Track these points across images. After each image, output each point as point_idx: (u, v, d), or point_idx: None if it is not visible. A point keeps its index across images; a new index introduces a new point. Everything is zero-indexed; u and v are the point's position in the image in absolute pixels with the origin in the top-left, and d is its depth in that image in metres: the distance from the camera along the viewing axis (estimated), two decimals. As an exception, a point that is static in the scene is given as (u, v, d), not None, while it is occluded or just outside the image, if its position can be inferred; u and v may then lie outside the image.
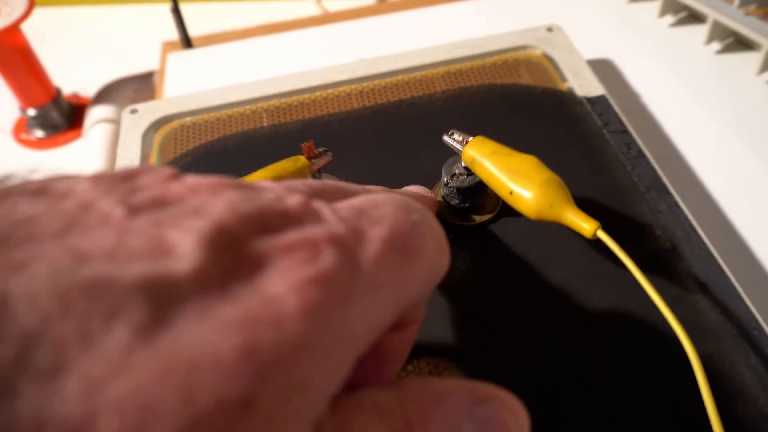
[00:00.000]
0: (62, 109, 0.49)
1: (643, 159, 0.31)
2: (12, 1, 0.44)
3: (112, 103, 0.47)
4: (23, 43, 0.46)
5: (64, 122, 0.49)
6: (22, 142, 0.49)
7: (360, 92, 0.35)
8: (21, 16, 0.43)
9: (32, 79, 0.47)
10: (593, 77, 0.34)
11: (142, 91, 0.48)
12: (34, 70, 0.47)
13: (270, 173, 0.26)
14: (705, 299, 0.26)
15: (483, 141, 0.26)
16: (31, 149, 0.49)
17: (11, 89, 0.47)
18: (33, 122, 0.49)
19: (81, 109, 0.51)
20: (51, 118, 0.49)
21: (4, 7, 0.44)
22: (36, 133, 0.49)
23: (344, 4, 0.57)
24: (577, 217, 0.24)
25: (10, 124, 0.50)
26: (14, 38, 0.45)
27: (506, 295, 0.27)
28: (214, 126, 0.34)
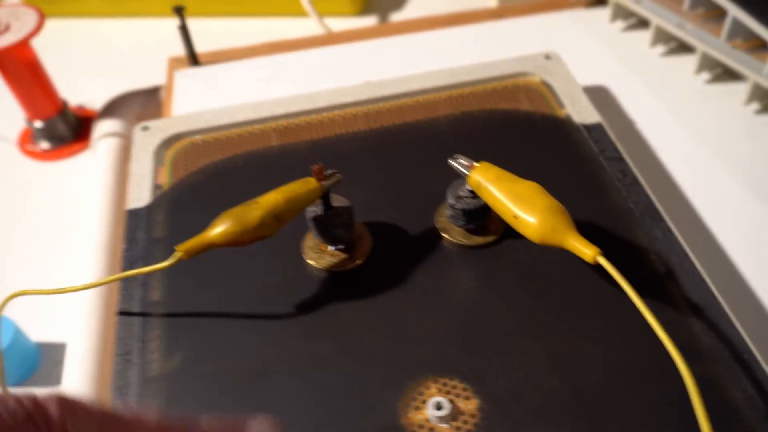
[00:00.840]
0: (68, 121, 0.50)
1: (638, 186, 0.32)
2: (23, 17, 0.45)
3: (119, 117, 0.47)
4: (32, 57, 0.46)
5: (70, 134, 0.50)
6: (27, 153, 0.50)
7: (366, 114, 0.37)
8: (31, 32, 0.44)
9: (40, 92, 0.47)
10: (590, 105, 0.36)
11: (148, 106, 0.49)
12: (42, 83, 0.47)
13: (282, 195, 0.27)
14: (698, 323, 0.27)
15: (488, 167, 0.27)
16: (36, 160, 0.49)
17: (19, 101, 0.48)
18: (39, 134, 0.49)
19: (87, 121, 0.51)
20: (57, 130, 0.49)
21: (15, 23, 0.45)
22: (41, 145, 0.50)
23: (346, 23, 0.58)
24: (578, 243, 0.25)
25: (15, 135, 0.51)
26: (24, 53, 0.45)
27: (509, 314, 0.28)
28: (224, 144, 0.35)
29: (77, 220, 0.44)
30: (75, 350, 0.35)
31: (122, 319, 0.29)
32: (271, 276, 0.30)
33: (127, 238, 0.31)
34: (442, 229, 0.31)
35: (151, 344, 0.28)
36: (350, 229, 0.30)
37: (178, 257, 0.26)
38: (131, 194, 0.33)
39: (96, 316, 0.36)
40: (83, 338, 0.35)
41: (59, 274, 0.41)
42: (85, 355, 0.34)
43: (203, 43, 0.49)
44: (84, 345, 0.35)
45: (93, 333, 0.35)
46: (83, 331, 0.35)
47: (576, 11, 0.50)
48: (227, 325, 0.28)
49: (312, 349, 0.27)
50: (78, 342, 0.35)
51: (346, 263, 0.30)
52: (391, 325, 0.28)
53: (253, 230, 0.26)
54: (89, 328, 0.36)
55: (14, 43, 0.43)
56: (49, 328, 0.38)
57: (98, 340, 0.35)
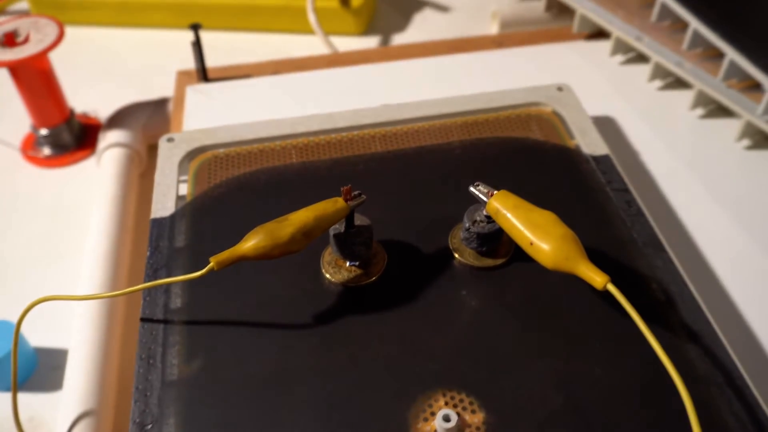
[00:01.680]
0: (73, 129, 0.50)
1: (642, 217, 0.34)
2: (43, 29, 0.46)
3: (125, 128, 0.48)
4: (48, 68, 0.47)
5: (74, 142, 0.50)
6: (29, 159, 0.50)
7: (383, 136, 0.38)
8: (51, 44, 0.45)
9: (51, 101, 0.48)
10: (599, 137, 0.38)
11: (155, 118, 0.50)
12: (53, 93, 0.48)
13: (312, 213, 0.28)
14: (694, 349, 0.29)
15: (507, 195, 0.29)
16: (38, 167, 0.50)
17: (28, 109, 0.48)
18: (43, 140, 0.50)
19: (90, 129, 0.52)
20: (61, 138, 0.50)
21: (35, 34, 0.45)
22: (44, 151, 0.50)
23: (349, 42, 0.59)
24: (589, 270, 0.27)
25: (18, 140, 0.51)
26: (41, 64, 0.46)
27: (516, 334, 0.29)
28: (246, 159, 0.37)
29: (78, 228, 0.45)
30: (76, 357, 0.35)
31: (145, 323, 0.30)
32: (289, 288, 0.31)
33: (151, 246, 0.32)
34: (455, 250, 0.32)
35: (172, 349, 0.29)
36: (369, 247, 0.31)
37: (210, 268, 0.27)
38: (155, 203, 0.34)
39: (98, 324, 0.37)
40: (85, 345, 0.36)
41: (59, 280, 0.42)
42: (86, 362, 0.35)
43: (209, 54, 0.49)
44: (85, 352, 0.35)
45: (95, 340, 0.36)
46: (85, 338, 0.36)
47: (576, 43, 0.53)
48: (245, 334, 0.29)
49: (326, 360, 0.28)
50: (80, 347, 0.35)
51: (362, 279, 0.31)
52: (403, 339, 0.29)
53: (284, 245, 0.27)
54: (91, 335, 0.36)
55: (32, 55, 0.44)
56: (48, 333, 0.38)
57: (100, 347, 0.36)
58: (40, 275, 0.42)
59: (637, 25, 0.48)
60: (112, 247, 0.40)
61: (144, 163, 0.48)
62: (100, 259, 0.39)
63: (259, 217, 0.34)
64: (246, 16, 0.60)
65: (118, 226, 0.42)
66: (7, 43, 0.46)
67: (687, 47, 0.45)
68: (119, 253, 0.40)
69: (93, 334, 0.36)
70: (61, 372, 0.36)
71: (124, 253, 0.41)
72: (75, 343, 0.36)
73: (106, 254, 0.40)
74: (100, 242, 0.40)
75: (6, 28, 0.46)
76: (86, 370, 0.35)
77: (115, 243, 0.41)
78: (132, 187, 0.45)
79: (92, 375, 0.35)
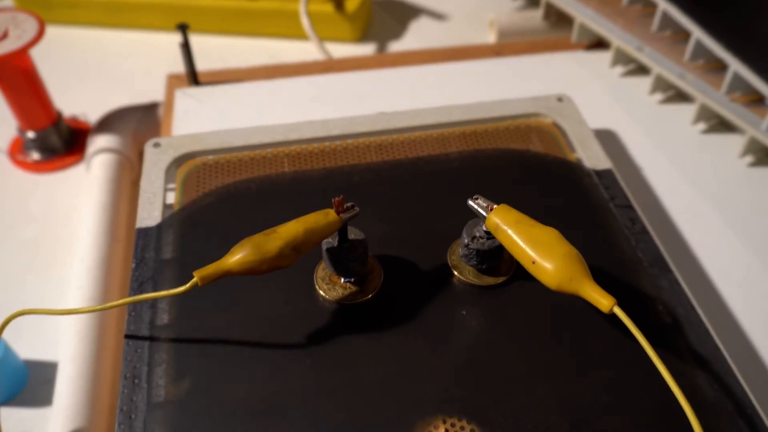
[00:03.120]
0: (61, 133, 0.48)
1: (647, 235, 0.33)
2: (22, 24, 0.44)
3: (115, 133, 0.46)
4: (30, 66, 0.45)
5: (63, 146, 0.49)
6: (17, 164, 0.48)
7: (379, 145, 0.37)
8: (31, 41, 0.43)
9: (36, 103, 0.46)
10: (601, 150, 0.37)
11: (145, 122, 0.48)
12: (38, 94, 0.46)
13: (302, 225, 0.27)
14: (703, 375, 0.28)
15: (507, 210, 0.28)
16: (26, 171, 0.48)
17: (13, 111, 0.46)
18: (31, 144, 0.48)
19: (79, 133, 0.50)
20: (50, 142, 0.48)
21: (14, 30, 0.43)
22: (33, 155, 0.48)
23: (345, 49, 0.58)
24: (595, 293, 0.25)
25: (5, 144, 0.49)
26: (22, 62, 0.44)
27: (518, 356, 0.28)
28: (236, 166, 0.35)
29: (67, 235, 0.43)
30: (66, 370, 0.34)
31: (130, 340, 0.28)
32: (281, 304, 0.30)
33: (137, 257, 0.31)
34: (454, 267, 0.31)
35: (158, 368, 0.27)
36: (364, 263, 0.30)
37: (194, 283, 0.25)
38: (141, 212, 0.32)
39: (89, 336, 0.35)
40: (75, 358, 0.34)
41: (46, 289, 0.40)
42: (76, 376, 0.33)
43: (200, 59, 0.48)
44: (76, 366, 0.34)
45: (85, 353, 0.34)
46: (76, 351, 0.34)
47: (576, 53, 0.52)
48: (236, 353, 0.28)
49: (320, 383, 0.27)
50: (69, 362, 0.34)
51: (357, 296, 0.30)
52: (400, 360, 0.28)
53: (272, 260, 0.26)
54: (81, 348, 0.34)
55: (12, 51, 0.42)
56: (38, 346, 0.37)
57: (91, 360, 0.34)
58: (27, 284, 0.41)
59: (637, 35, 0.47)
60: (103, 256, 0.39)
61: (135, 169, 0.47)
62: (91, 269, 0.38)
63: (249, 228, 0.32)
64: (238, 19, 0.58)
65: (108, 235, 0.40)
66: (-16, 40, 0.44)
67: (689, 58, 0.44)
68: (110, 262, 0.39)
69: (82, 348, 0.34)
70: (52, 386, 0.35)
71: (115, 263, 0.39)
72: (63, 357, 0.34)
73: (97, 264, 0.38)
74: (90, 252, 0.39)
75: (-16, 24, 0.45)
76: (76, 386, 0.33)
77: (106, 252, 0.39)
78: (123, 194, 0.43)
79: (82, 391, 0.33)
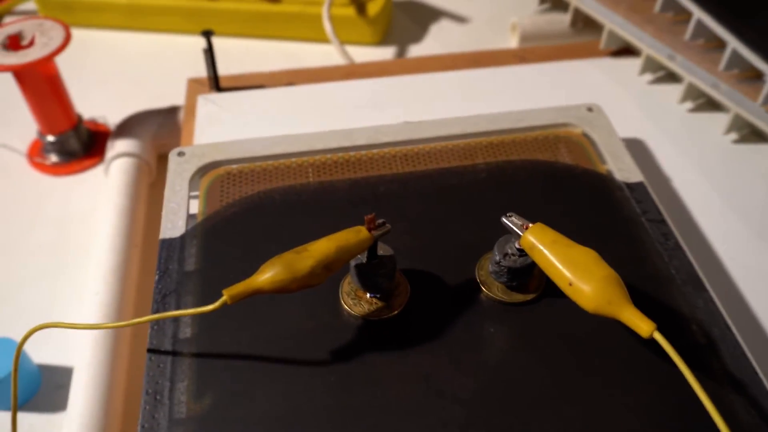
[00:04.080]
0: (81, 136, 0.48)
1: (680, 251, 0.32)
2: (49, 32, 0.44)
3: (135, 137, 0.46)
4: (54, 73, 0.45)
5: (81, 150, 0.48)
6: (36, 166, 0.48)
7: (405, 155, 0.36)
8: (57, 49, 0.43)
9: (57, 108, 0.46)
10: (632, 162, 0.36)
11: (165, 126, 0.48)
12: (60, 99, 0.46)
13: (333, 243, 0.26)
14: (739, 400, 0.27)
15: (543, 229, 0.27)
16: (45, 174, 0.48)
17: (34, 115, 0.46)
18: (50, 147, 0.48)
19: (98, 136, 0.50)
20: (69, 145, 0.48)
21: (41, 37, 0.43)
22: (51, 158, 0.48)
23: (365, 51, 0.58)
24: (635, 317, 0.25)
25: (25, 146, 0.49)
26: (47, 69, 0.44)
27: (546, 377, 0.27)
28: (260, 176, 0.35)
29: (84, 239, 0.43)
30: (81, 377, 0.33)
31: (152, 355, 0.28)
32: (306, 319, 0.29)
33: (160, 269, 0.30)
34: (482, 283, 0.30)
35: (180, 384, 0.27)
36: (392, 279, 0.29)
37: (223, 301, 0.25)
38: (165, 222, 0.32)
39: (104, 343, 0.35)
40: (90, 365, 0.34)
41: (62, 293, 0.40)
42: (91, 383, 0.33)
43: (220, 61, 0.47)
44: (91, 372, 0.33)
45: (100, 360, 0.34)
46: (91, 358, 0.34)
47: (603, 60, 0.51)
48: (259, 368, 0.27)
49: (344, 401, 0.26)
50: (84, 369, 0.34)
51: (383, 312, 0.29)
52: (426, 380, 0.27)
53: (303, 279, 0.25)
54: (96, 355, 0.34)
55: (37, 59, 0.42)
56: (50, 351, 0.37)
57: (105, 367, 0.34)
58: (44, 287, 0.41)
59: (669, 43, 0.45)
60: (120, 262, 0.38)
61: (153, 174, 0.46)
62: (107, 275, 0.38)
63: (274, 240, 0.32)
64: (259, 22, 0.58)
65: (126, 240, 0.40)
66: (11, 46, 0.44)
67: (724, 68, 0.43)
68: (127, 268, 0.38)
69: (97, 355, 0.34)
70: (64, 391, 0.35)
71: (133, 269, 0.39)
72: (78, 364, 0.34)
73: (114, 270, 0.38)
74: (107, 257, 0.38)
75: (10, 30, 0.44)
76: (90, 393, 0.33)
77: (123, 258, 0.39)
78: (141, 198, 0.43)
79: (96, 399, 0.33)
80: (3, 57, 0.42)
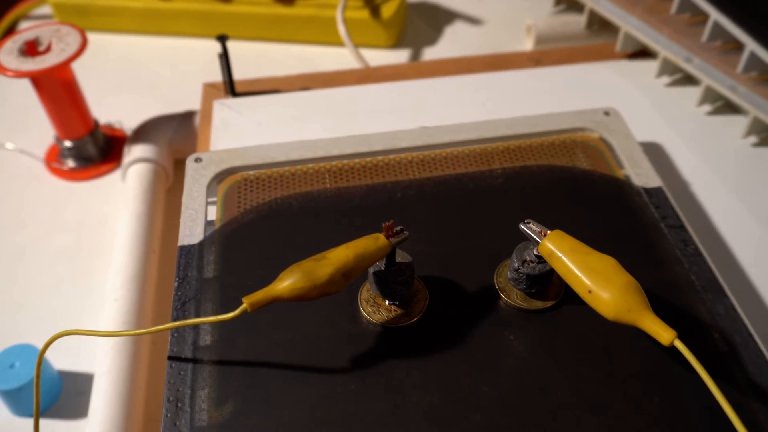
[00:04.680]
0: (97, 141, 0.49)
1: (700, 257, 0.32)
2: (66, 37, 0.44)
3: (151, 143, 0.46)
4: (71, 79, 0.45)
5: (98, 155, 0.49)
6: (53, 171, 0.49)
7: (421, 161, 0.36)
8: (74, 54, 0.43)
9: (74, 113, 0.46)
10: (650, 167, 0.35)
11: (181, 132, 0.48)
12: (77, 105, 0.46)
13: (352, 251, 0.26)
14: (762, 409, 0.27)
15: (562, 236, 0.27)
16: (62, 179, 0.48)
17: (51, 121, 0.47)
18: (67, 152, 0.48)
19: (115, 141, 0.50)
20: (86, 150, 0.48)
21: (58, 43, 0.44)
22: (68, 163, 0.48)
23: (379, 54, 0.57)
24: (655, 324, 0.25)
25: (42, 151, 0.50)
26: (64, 74, 0.44)
27: (566, 385, 0.27)
28: (277, 182, 0.35)
29: (101, 244, 0.44)
30: (101, 384, 0.34)
31: (173, 362, 0.28)
32: (325, 326, 0.29)
33: (179, 276, 0.31)
34: (501, 290, 0.30)
35: (201, 392, 0.27)
36: (410, 286, 0.29)
37: (243, 309, 0.25)
38: (183, 229, 0.32)
39: (124, 350, 0.35)
40: (111, 372, 0.34)
41: (80, 299, 0.40)
42: (112, 390, 0.33)
43: (234, 64, 0.47)
44: (111, 379, 0.34)
45: (121, 367, 0.34)
46: (112, 365, 0.34)
47: (619, 62, 0.50)
48: (279, 376, 0.28)
49: (365, 409, 0.26)
50: (105, 376, 0.34)
51: (402, 319, 0.29)
52: (446, 387, 0.27)
53: (322, 287, 0.25)
54: (117, 362, 0.34)
55: (54, 65, 0.42)
56: (71, 357, 0.37)
57: (126, 374, 0.34)
58: (62, 293, 0.41)
59: (685, 45, 0.45)
60: (139, 268, 0.39)
61: (170, 179, 0.47)
62: (126, 281, 0.38)
63: (291, 247, 0.32)
64: (273, 25, 0.58)
65: (144, 247, 0.40)
66: (28, 52, 0.44)
67: (742, 70, 0.42)
68: (146, 275, 0.39)
69: (118, 362, 0.34)
70: (85, 397, 0.35)
71: (151, 275, 0.39)
72: (99, 370, 0.34)
73: (133, 277, 0.38)
74: (126, 263, 0.38)
75: (27, 36, 0.45)
76: (112, 400, 0.33)
77: (142, 264, 0.39)
78: (159, 204, 0.43)
79: (117, 405, 0.33)
80: (20, 63, 0.43)
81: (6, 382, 0.33)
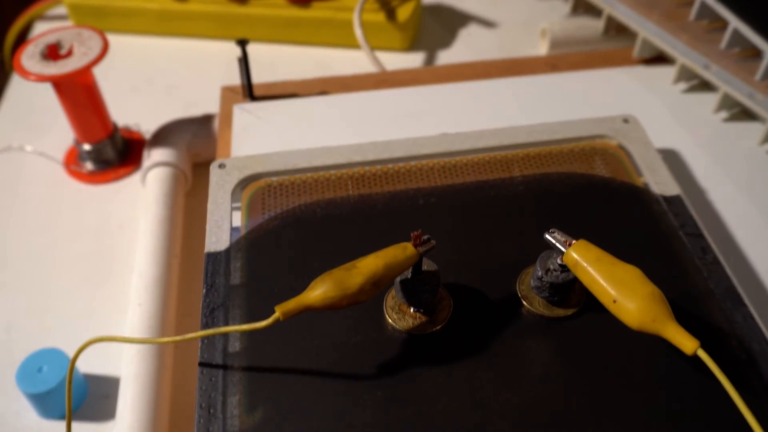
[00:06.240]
0: (116, 144, 0.49)
1: (719, 266, 0.32)
2: (87, 41, 0.44)
3: (170, 146, 0.46)
4: (91, 83, 0.45)
5: (117, 158, 0.49)
6: (72, 174, 0.49)
7: (443, 167, 0.36)
8: (96, 58, 0.43)
9: (94, 117, 0.47)
10: (669, 175, 0.36)
11: (200, 135, 0.48)
12: (97, 108, 0.47)
13: (381, 260, 0.27)
14: (782, 417, 0.27)
15: (587, 246, 0.27)
16: (81, 182, 0.48)
17: (71, 124, 0.47)
18: (86, 155, 0.49)
19: (133, 144, 0.51)
20: (105, 154, 0.49)
21: (79, 47, 0.44)
22: (87, 166, 0.49)
23: (394, 57, 0.58)
24: (678, 334, 0.25)
25: (61, 154, 0.50)
26: (85, 78, 0.45)
27: (589, 393, 0.28)
28: (300, 188, 0.35)
29: (121, 247, 0.44)
30: (128, 389, 0.34)
31: (204, 369, 0.28)
32: (351, 333, 0.30)
33: (207, 283, 0.31)
34: (524, 298, 0.31)
35: (232, 398, 0.28)
36: (435, 294, 0.30)
37: (276, 318, 0.26)
38: (210, 236, 0.33)
39: (150, 355, 0.35)
40: (137, 377, 0.34)
41: (102, 302, 0.41)
42: (138, 395, 0.34)
43: (251, 67, 0.48)
44: (138, 384, 0.34)
45: (147, 372, 0.35)
46: (138, 370, 0.35)
47: (635, 68, 0.50)
48: (307, 382, 0.28)
49: (392, 416, 0.27)
50: (131, 380, 0.34)
51: (427, 327, 0.30)
52: (471, 394, 0.28)
53: (353, 296, 0.26)
54: (143, 367, 0.35)
55: (77, 70, 0.43)
56: (97, 360, 0.37)
57: (152, 378, 0.35)
58: (82, 296, 0.41)
59: (704, 52, 0.45)
60: (162, 272, 0.39)
61: (189, 183, 0.47)
62: (149, 285, 0.38)
63: (317, 254, 0.32)
64: (289, 28, 0.58)
65: (166, 251, 0.40)
66: (50, 56, 0.44)
67: (760, 78, 0.43)
68: (168, 279, 0.39)
69: (145, 367, 0.35)
70: (110, 401, 0.35)
71: (174, 279, 0.40)
72: (125, 375, 0.35)
73: (156, 281, 0.38)
74: (148, 267, 0.39)
75: (49, 39, 0.45)
76: (139, 405, 0.33)
77: (165, 268, 0.39)
78: (179, 208, 0.44)
79: (145, 411, 0.33)
80: (43, 67, 0.43)
81: (35, 385, 0.33)
